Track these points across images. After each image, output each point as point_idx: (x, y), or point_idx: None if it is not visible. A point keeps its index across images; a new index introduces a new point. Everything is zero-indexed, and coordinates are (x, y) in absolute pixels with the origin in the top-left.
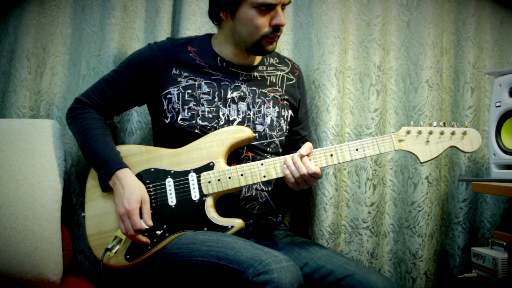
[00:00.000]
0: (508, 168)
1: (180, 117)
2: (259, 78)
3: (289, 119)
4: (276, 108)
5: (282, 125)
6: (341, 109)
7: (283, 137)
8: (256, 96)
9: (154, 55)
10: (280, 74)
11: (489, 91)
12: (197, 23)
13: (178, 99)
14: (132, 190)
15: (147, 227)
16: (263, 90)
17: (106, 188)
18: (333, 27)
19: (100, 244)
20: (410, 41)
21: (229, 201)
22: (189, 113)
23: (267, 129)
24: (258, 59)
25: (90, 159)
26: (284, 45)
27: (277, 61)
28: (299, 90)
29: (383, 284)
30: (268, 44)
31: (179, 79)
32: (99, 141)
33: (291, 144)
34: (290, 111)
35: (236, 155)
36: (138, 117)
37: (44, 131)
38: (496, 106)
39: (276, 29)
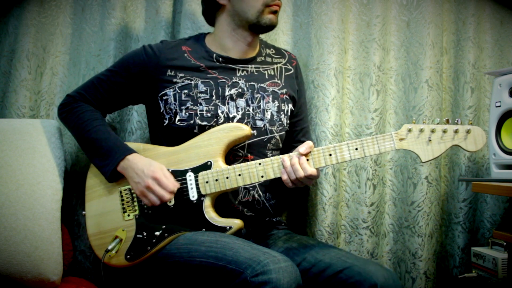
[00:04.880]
0: (508, 168)
1: (178, 118)
2: (256, 73)
3: (289, 113)
4: (276, 102)
5: (282, 119)
6: (341, 109)
7: (284, 132)
8: (255, 91)
9: (148, 57)
10: (277, 66)
11: (489, 91)
12: (197, 22)
13: (175, 100)
14: (149, 162)
15: (178, 187)
16: (262, 85)
17: (113, 176)
18: (332, 27)
19: (100, 244)
20: (410, 41)
21: (226, 205)
22: (187, 113)
23: (267, 125)
24: (256, 49)
25: (93, 150)
26: (283, 45)
27: (274, 52)
28: (297, 80)
29: (382, 274)
30: (270, 13)
31: (174, 80)
32: (101, 131)
33: (291, 137)
34: (290, 105)
35: (235, 159)
36: (138, 117)
37: (44, 131)
38: (496, 106)
39: None
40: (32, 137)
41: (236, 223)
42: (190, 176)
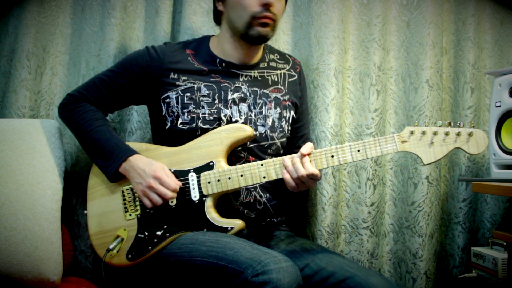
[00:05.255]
0: (508, 168)
1: (180, 121)
2: (259, 78)
3: (291, 120)
4: (278, 109)
5: (283, 126)
6: (341, 109)
7: (284, 139)
8: (258, 97)
9: (152, 60)
10: (281, 72)
11: (489, 91)
12: (197, 23)
13: (177, 103)
14: (150, 162)
15: (179, 186)
16: (264, 91)
17: (115, 176)
18: (332, 27)
19: (102, 243)
20: (410, 41)
21: (227, 206)
22: (189, 116)
23: (268, 131)
24: (258, 55)
25: (95, 150)
26: (283, 45)
27: (278, 57)
28: (300, 87)
29: (383, 286)
30: (259, 26)
31: (177, 83)
32: (103, 132)
33: (291, 143)
34: (292, 112)
35: (236, 160)
36: (138, 117)
37: (44, 131)
38: (496, 106)
39: (266, 9)
40: (32, 137)
41: (237, 223)
42: (192, 176)
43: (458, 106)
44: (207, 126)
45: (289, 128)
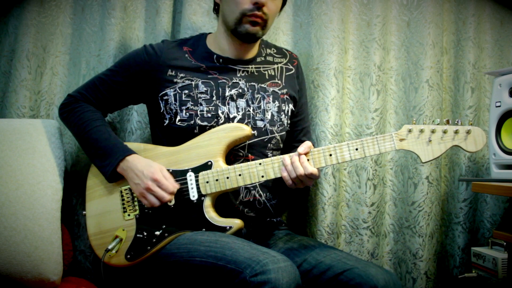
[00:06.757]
0: (508, 168)
1: (178, 118)
2: (256, 73)
3: (290, 113)
4: (276, 102)
5: (283, 120)
6: (341, 109)
7: (284, 132)
8: (255, 91)
9: (150, 57)
10: (278, 66)
11: (489, 91)
12: (198, 23)
13: (175, 100)
14: (148, 163)
15: (177, 188)
16: (262, 85)
17: (112, 176)
18: (332, 26)
19: (101, 243)
20: (410, 41)
21: (227, 205)
22: (187, 114)
23: (267, 125)
24: (254, 50)
25: (94, 150)
26: (283, 45)
27: (275, 51)
28: (297, 80)
29: (383, 277)
30: (248, 24)
31: (175, 80)
32: (101, 132)
33: (291, 137)
34: (291, 105)
35: (235, 159)
36: (138, 117)
37: (44, 131)
38: (496, 106)
39: (257, 8)
40: (32, 137)
41: (236, 223)
42: (190, 176)
43: (458, 106)
44: (205, 123)
45: (288, 121)
